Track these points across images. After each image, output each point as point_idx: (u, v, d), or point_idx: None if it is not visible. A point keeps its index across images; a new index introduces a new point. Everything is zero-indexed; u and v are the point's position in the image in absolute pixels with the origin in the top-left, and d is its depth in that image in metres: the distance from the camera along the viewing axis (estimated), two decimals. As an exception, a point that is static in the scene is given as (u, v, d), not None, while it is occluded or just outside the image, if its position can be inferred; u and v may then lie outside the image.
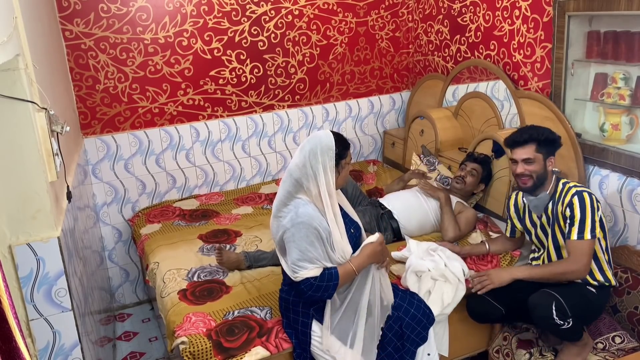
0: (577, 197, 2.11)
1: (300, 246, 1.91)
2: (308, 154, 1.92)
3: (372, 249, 2.01)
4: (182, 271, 2.61)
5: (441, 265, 2.36)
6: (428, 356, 2.22)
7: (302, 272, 1.91)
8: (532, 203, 2.29)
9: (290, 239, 1.93)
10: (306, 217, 1.91)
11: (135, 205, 3.42)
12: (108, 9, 3.07)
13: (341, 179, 2.02)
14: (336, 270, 1.94)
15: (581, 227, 2.09)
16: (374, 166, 3.88)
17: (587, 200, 2.10)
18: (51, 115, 1.81)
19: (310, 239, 1.90)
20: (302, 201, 1.95)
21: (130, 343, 3.15)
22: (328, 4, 3.61)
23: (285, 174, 2.00)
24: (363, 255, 2.00)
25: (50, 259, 1.78)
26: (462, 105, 3.41)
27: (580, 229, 2.09)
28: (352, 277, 1.99)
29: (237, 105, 3.54)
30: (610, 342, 2.17)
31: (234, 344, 2.08)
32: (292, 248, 1.93)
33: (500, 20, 3.06)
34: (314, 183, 1.92)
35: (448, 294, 2.33)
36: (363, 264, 1.99)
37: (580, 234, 2.09)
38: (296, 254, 1.91)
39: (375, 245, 2.02)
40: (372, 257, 2.02)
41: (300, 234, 1.90)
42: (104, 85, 3.18)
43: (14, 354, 0.92)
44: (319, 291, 1.93)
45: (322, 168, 1.91)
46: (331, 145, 1.92)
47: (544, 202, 2.24)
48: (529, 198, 2.29)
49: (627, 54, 2.35)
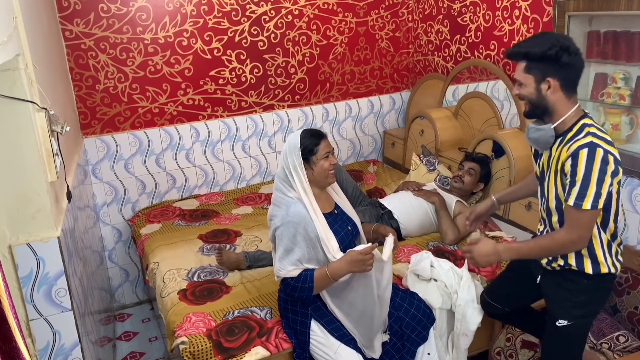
0: (587, 150, 1.61)
1: (287, 245, 1.94)
2: (282, 157, 2.01)
3: (352, 256, 1.89)
4: (182, 271, 2.61)
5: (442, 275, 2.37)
6: (428, 355, 2.22)
7: (281, 273, 1.96)
8: (529, 134, 1.81)
9: (279, 237, 1.97)
10: (296, 216, 1.93)
11: (135, 205, 3.42)
12: (108, 9, 3.07)
13: (318, 175, 1.99)
14: (312, 273, 1.94)
15: (582, 191, 1.62)
16: (374, 166, 3.88)
17: (598, 158, 1.60)
18: (51, 115, 1.81)
19: (296, 239, 1.93)
20: (294, 200, 1.97)
21: (130, 343, 3.15)
22: (328, 4, 3.61)
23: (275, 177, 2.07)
24: (342, 261, 1.91)
25: (50, 259, 1.78)
26: (462, 105, 3.41)
27: (580, 194, 1.62)
28: (327, 282, 1.93)
29: (237, 105, 3.54)
30: (615, 342, 2.16)
31: (234, 344, 2.08)
32: (279, 246, 1.97)
33: (500, 20, 3.06)
34: (293, 183, 1.97)
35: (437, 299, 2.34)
36: (341, 271, 1.90)
37: (578, 200, 1.63)
38: (280, 253, 1.96)
39: (356, 253, 1.88)
40: (351, 265, 1.89)
41: (287, 232, 1.93)
42: (104, 85, 3.17)
43: (14, 354, 0.92)
44: (295, 291, 1.96)
45: (292, 168, 1.96)
46: (295, 143, 1.96)
47: (545, 135, 1.75)
48: (529, 127, 1.82)
49: (627, 54, 2.35)
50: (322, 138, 2.01)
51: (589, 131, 1.67)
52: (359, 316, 2.04)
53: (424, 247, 2.70)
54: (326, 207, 2.07)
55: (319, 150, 1.98)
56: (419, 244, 2.73)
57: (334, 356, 2.04)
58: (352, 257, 1.89)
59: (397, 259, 2.63)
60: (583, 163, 1.61)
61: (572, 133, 1.71)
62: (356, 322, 2.05)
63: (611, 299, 2.32)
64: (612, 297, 2.31)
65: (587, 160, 1.61)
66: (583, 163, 1.61)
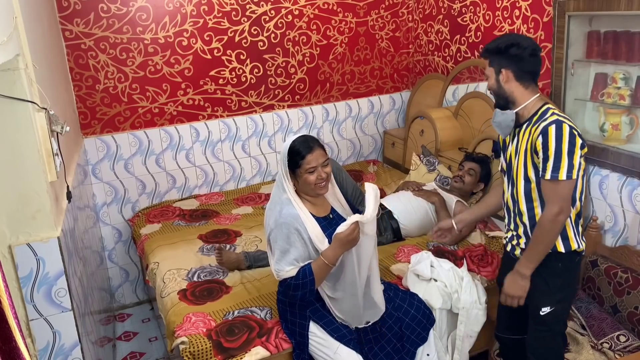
0: (555, 126, 1.77)
1: (282, 247, 1.93)
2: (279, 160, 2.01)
3: (340, 239, 1.89)
4: (182, 271, 2.61)
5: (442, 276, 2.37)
6: (427, 356, 2.22)
7: (281, 274, 1.95)
8: (494, 118, 1.97)
9: (273, 240, 1.97)
10: (289, 217, 1.93)
11: (135, 205, 3.42)
12: (108, 9, 3.07)
13: (303, 187, 1.97)
14: (309, 266, 1.93)
15: (556, 164, 1.76)
16: (374, 166, 3.88)
17: (565, 132, 1.76)
18: (51, 115, 1.81)
19: (290, 240, 1.92)
20: (287, 201, 1.97)
21: (130, 343, 3.15)
22: (328, 4, 3.61)
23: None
24: (333, 247, 1.92)
25: (50, 259, 1.78)
26: (462, 105, 3.41)
27: (555, 166, 1.76)
28: (327, 269, 1.94)
29: (237, 105, 3.54)
30: (616, 341, 2.16)
31: (234, 344, 2.08)
32: (275, 249, 1.96)
33: (500, 20, 3.06)
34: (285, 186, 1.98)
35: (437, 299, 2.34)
36: (335, 254, 1.92)
37: (554, 173, 1.77)
38: (277, 255, 1.95)
39: (343, 236, 1.89)
40: (343, 246, 1.91)
41: (281, 234, 1.93)
42: (104, 85, 3.17)
43: (14, 354, 0.92)
44: (297, 290, 1.94)
45: (282, 174, 1.97)
46: (284, 151, 1.96)
47: (506, 120, 1.92)
48: (495, 112, 1.98)
49: (627, 54, 2.35)
50: (310, 151, 1.92)
51: (553, 112, 1.84)
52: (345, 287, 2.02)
53: (424, 247, 2.70)
54: (321, 211, 2.05)
55: (303, 165, 1.92)
56: (419, 244, 2.74)
57: (334, 356, 2.04)
58: (340, 241, 1.90)
59: (397, 259, 2.64)
60: (553, 138, 1.76)
61: (537, 117, 1.87)
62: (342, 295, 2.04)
63: (611, 299, 2.32)
64: (612, 297, 2.32)
65: (556, 135, 1.76)
66: (553, 138, 1.76)
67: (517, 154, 1.93)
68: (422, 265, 2.39)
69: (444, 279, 2.36)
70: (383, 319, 2.15)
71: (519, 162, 1.92)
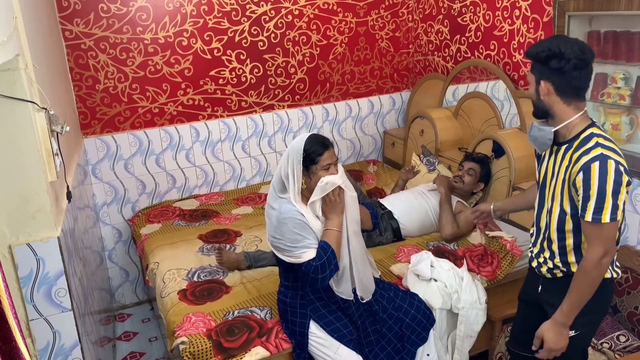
0: (599, 163, 1.57)
1: (292, 237, 1.94)
2: (283, 158, 1.99)
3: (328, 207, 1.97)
4: (182, 271, 2.61)
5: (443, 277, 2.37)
6: (427, 356, 2.22)
7: (304, 255, 1.93)
8: (531, 132, 1.77)
9: (280, 236, 1.96)
10: (290, 212, 1.94)
11: (135, 205, 3.42)
12: (108, 9, 3.07)
13: (314, 185, 1.97)
14: (324, 241, 1.95)
15: (599, 205, 1.57)
16: (374, 166, 3.88)
17: (611, 170, 1.56)
18: (51, 115, 1.81)
19: (298, 229, 1.93)
20: (286, 200, 1.98)
21: (130, 343, 3.15)
22: (328, 4, 3.61)
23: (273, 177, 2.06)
24: (330, 218, 1.97)
25: (50, 259, 1.78)
26: (462, 105, 3.41)
27: (597, 208, 1.58)
28: (338, 236, 1.97)
29: (237, 105, 3.54)
30: (616, 342, 2.16)
31: (234, 344, 2.08)
32: (285, 242, 1.96)
33: (500, 20, 3.06)
34: (287, 185, 1.97)
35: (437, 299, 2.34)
36: (337, 220, 1.97)
37: (596, 215, 1.58)
38: (289, 247, 1.95)
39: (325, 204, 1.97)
40: (334, 209, 1.97)
41: (287, 229, 1.94)
42: (104, 85, 3.17)
43: (14, 354, 0.92)
44: (325, 268, 1.93)
45: (290, 171, 1.94)
46: (298, 148, 1.94)
47: (544, 137, 1.72)
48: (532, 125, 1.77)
49: (627, 54, 2.35)
50: (327, 148, 1.96)
51: (597, 141, 1.62)
52: None
53: (424, 247, 2.70)
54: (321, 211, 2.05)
55: (321, 161, 1.95)
56: (419, 244, 2.74)
57: (334, 356, 2.04)
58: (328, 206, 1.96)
59: (397, 259, 2.64)
60: (596, 177, 1.57)
61: (579, 141, 1.66)
62: None
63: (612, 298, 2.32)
64: (613, 297, 2.32)
65: (600, 173, 1.57)
66: (596, 177, 1.57)
67: (554, 178, 1.74)
68: (422, 265, 2.39)
69: (444, 279, 2.36)
70: (383, 319, 2.15)
71: (555, 189, 1.74)
